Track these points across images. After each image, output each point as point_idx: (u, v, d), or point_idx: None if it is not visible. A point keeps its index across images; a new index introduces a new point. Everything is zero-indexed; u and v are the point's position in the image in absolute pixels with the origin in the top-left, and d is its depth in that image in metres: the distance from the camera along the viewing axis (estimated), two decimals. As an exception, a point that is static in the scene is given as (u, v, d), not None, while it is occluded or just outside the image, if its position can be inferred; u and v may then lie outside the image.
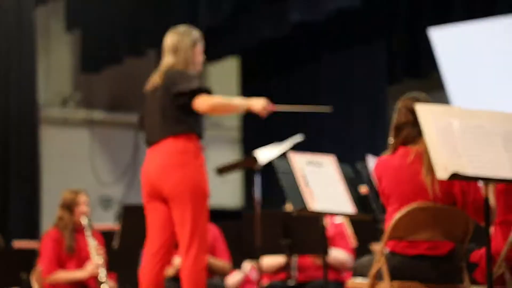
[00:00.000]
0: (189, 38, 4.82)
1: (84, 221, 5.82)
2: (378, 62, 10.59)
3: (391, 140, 4.25)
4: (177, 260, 5.63)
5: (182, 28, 4.89)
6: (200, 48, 4.88)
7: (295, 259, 5.84)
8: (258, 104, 4.83)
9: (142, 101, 4.96)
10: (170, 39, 4.85)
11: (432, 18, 9.92)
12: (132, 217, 5.51)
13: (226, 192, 11.83)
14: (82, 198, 5.89)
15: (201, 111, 4.72)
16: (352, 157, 4.85)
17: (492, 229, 4.22)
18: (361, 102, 10.71)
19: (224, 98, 4.79)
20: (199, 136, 4.78)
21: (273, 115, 11.11)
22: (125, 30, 10.08)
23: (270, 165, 4.77)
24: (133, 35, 10.12)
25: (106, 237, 5.97)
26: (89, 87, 11.19)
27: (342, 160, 4.80)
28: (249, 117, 11.70)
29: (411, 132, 4.15)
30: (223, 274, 5.93)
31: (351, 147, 10.32)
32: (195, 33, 4.88)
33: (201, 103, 4.68)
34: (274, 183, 4.56)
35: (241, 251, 6.02)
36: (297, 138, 5.08)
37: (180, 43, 4.80)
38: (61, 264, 5.76)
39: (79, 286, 5.75)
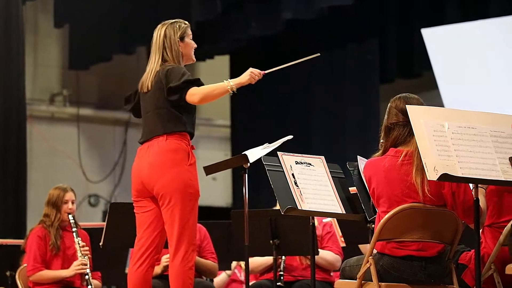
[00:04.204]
0: (174, 32, 4.76)
1: (70, 219, 5.76)
2: (370, 61, 10.57)
3: (381, 141, 4.22)
4: (164, 258, 5.58)
5: (167, 23, 4.81)
6: (189, 40, 4.81)
7: (283, 259, 5.81)
8: (245, 77, 4.78)
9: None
10: (156, 37, 4.79)
11: (425, 18, 9.91)
12: (119, 215, 5.45)
13: (216, 191, 11.81)
14: (69, 196, 5.83)
15: (194, 103, 4.70)
16: (344, 158, 4.81)
17: (482, 231, 4.21)
18: (353, 101, 10.68)
19: (212, 86, 4.72)
20: (191, 135, 4.76)
21: (264, 115, 11.11)
22: (114, 27, 10.03)
23: (260, 165, 4.72)
24: (123, 32, 10.07)
25: (93, 235, 5.91)
26: (78, 84, 11.13)
27: (334, 160, 4.75)
28: (239, 115, 11.71)
29: (402, 132, 4.12)
30: (211, 274, 5.89)
31: (343, 147, 10.29)
32: (182, 25, 4.80)
33: (192, 95, 4.64)
34: (264, 183, 4.52)
35: (229, 250, 5.98)
36: (287, 137, 5.03)
37: (166, 40, 4.74)
38: (46, 262, 5.70)
39: (64, 284, 5.69)
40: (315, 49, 10.81)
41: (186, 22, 4.85)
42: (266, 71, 4.93)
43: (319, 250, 5.75)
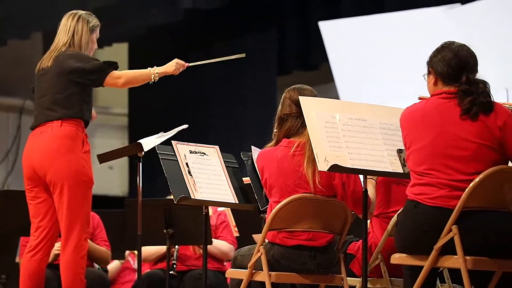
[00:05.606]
0: (87, 23, 4.74)
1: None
2: (269, 52, 10.63)
3: (274, 131, 4.26)
4: (55, 247, 5.51)
5: (81, 12, 4.80)
6: (96, 36, 4.81)
7: (177, 249, 5.82)
8: (170, 67, 4.90)
9: (25, 84, 4.83)
10: (67, 21, 4.75)
11: (322, 10, 10.02)
12: (9, 203, 5.35)
13: (113, 180, 11.70)
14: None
15: (116, 86, 4.71)
16: (242, 148, 4.84)
17: (370, 221, 4.31)
18: (251, 92, 10.73)
19: (137, 71, 4.78)
20: (86, 123, 4.71)
21: (163, 104, 11.05)
22: (9, 11, 9.77)
23: (157, 154, 4.71)
24: (18, 17, 9.82)
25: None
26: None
27: (233, 150, 4.77)
28: (137, 104, 11.60)
29: (295, 123, 4.17)
30: (103, 261, 5.84)
31: (241, 138, 10.33)
32: (95, 21, 4.80)
33: (115, 78, 4.66)
34: (161, 172, 4.51)
35: (123, 239, 5.95)
36: (182, 126, 5.03)
37: (77, 26, 4.72)
38: None
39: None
40: (214, 39, 10.90)
41: (99, 23, 4.86)
42: (191, 64, 4.96)
43: (213, 239, 5.78)
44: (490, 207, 3.56)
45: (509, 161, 3.65)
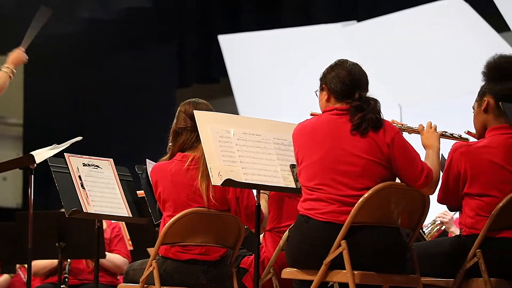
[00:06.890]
0: None
1: None
2: (169, 64, 10.60)
3: (169, 144, 4.25)
4: None
5: None
6: None
7: (69, 262, 5.73)
8: (20, 59, 5.03)
9: None
10: None
11: (223, 24, 10.07)
12: None
13: (7, 191, 11.44)
14: None
15: None
16: (142, 160, 4.80)
17: (263, 236, 4.33)
18: (150, 105, 10.66)
19: None
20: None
21: (59, 115, 10.84)
22: None
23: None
24: None
25: None
26: None
27: (132, 163, 4.73)
28: (32, 114, 11.36)
29: (189, 137, 4.17)
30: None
31: (140, 150, 10.23)
32: None
33: None
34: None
35: (13, 253, 5.81)
36: (76, 138, 4.96)
37: None
38: None
39: None
40: (114, 50, 10.78)
41: None
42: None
43: (106, 253, 5.72)
44: (378, 223, 3.63)
45: (397, 178, 3.72)
